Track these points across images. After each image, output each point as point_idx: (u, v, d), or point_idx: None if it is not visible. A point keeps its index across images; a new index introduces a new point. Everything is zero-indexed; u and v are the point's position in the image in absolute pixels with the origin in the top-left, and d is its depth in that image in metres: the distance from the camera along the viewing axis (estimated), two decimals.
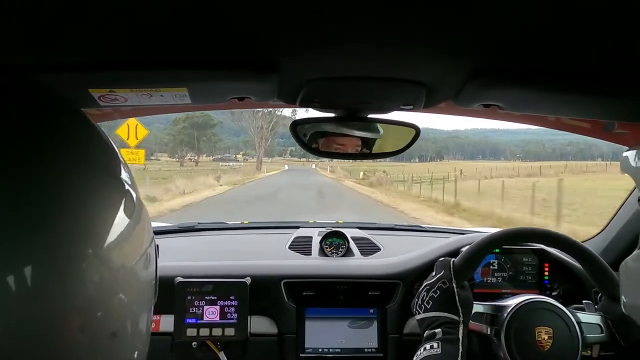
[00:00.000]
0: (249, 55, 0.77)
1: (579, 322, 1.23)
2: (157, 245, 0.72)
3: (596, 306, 1.35)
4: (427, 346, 1.17)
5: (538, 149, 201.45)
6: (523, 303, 1.22)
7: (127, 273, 0.59)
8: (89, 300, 0.51)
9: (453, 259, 1.28)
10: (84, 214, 0.52)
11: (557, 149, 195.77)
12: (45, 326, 0.47)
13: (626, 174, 0.87)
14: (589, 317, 1.29)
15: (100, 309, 0.53)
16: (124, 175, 0.63)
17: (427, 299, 1.25)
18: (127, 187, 0.62)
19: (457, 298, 1.21)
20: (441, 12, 0.61)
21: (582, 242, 1.44)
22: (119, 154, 0.64)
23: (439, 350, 1.14)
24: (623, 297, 0.90)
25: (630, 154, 0.82)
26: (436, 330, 1.19)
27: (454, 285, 1.23)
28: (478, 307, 1.28)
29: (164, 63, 0.75)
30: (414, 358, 1.18)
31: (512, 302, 1.25)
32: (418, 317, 1.27)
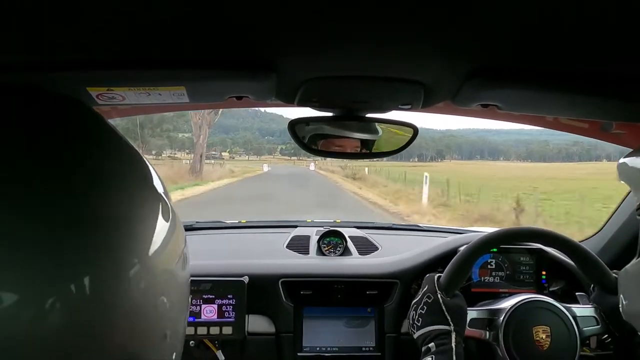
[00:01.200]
0: (247, 54, 0.77)
1: (575, 317, 1.23)
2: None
3: (590, 298, 1.35)
4: None
5: (542, 149, 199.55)
6: (520, 303, 1.23)
7: (169, 276, 0.61)
8: (137, 305, 0.52)
9: (439, 274, 1.29)
10: (127, 224, 0.53)
11: (563, 150, 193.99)
12: (99, 332, 0.48)
13: (623, 182, 0.87)
14: (584, 311, 1.30)
15: (147, 313, 0.55)
16: (156, 180, 0.65)
17: (417, 317, 1.26)
18: (160, 191, 0.63)
19: (443, 308, 1.21)
20: (440, 12, 0.61)
21: (579, 242, 1.45)
22: (144, 159, 0.66)
23: None
24: (623, 303, 0.90)
25: (628, 161, 0.82)
26: (429, 345, 1.19)
27: (439, 296, 1.23)
28: (473, 313, 1.28)
29: (162, 62, 0.75)
30: None
31: (509, 303, 1.26)
32: (415, 336, 1.27)
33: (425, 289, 1.29)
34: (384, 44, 0.74)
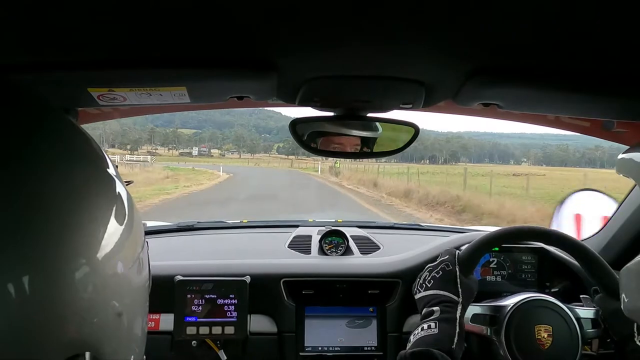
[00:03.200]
0: (248, 54, 0.77)
1: (578, 319, 1.23)
2: (148, 245, 0.72)
3: (592, 299, 1.35)
4: (425, 326, 1.18)
5: (562, 154, 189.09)
6: (523, 302, 1.23)
7: (121, 281, 0.59)
8: (84, 308, 0.51)
9: (458, 250, 1.31)
10: (75, 223, 0.51)
11: (586, 154, 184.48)
12: (41, 332, 0.46)
13: (623, 176, 0.87)
14: (587, 312, 1.29)
15: (95, 316, 0.53)
16: (114, 179, 0.62)
17: (429, 278, 1.28)
18: (117, 191, 0.61)
19: (458, 280, 1.23)
20: (440, 12, 0.61)
21: (582, 240, 1.44)
22: (106, 156, 0.64)
23: (436, 330, 1.15)
24: (624, 299, 0.90)
25: (629, 156, 0.82)
26: (434, 308, 1.20)
27: (457, 269, 1.25)
28: (476, 309, 1.28)
29: (164, 62, 0.75)
30: (411, 337, 1.19)
31: (511, 301, 1.26)
32: (418, 295, 1.29)
33: (445, 257, 1.31)
34: (385, 44, 0.74)
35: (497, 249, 1.67)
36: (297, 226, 2.18)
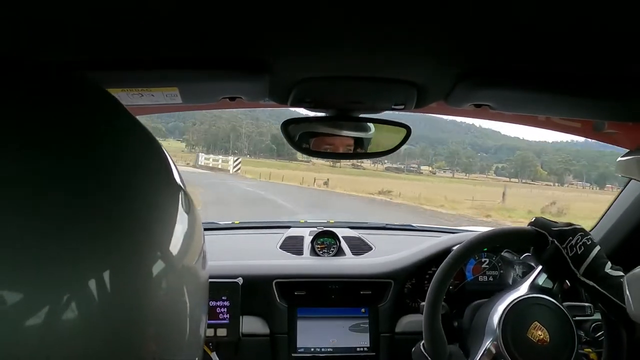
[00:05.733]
0: (240, 55, 0.77)
1: (569, 309, 1.23)
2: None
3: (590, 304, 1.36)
4: None
5: None
6: (514, 302, 1.22)
7: (191, 275, 0.58)
8: (160, 305, 0.50)
9: (422, 342, 1.24)
10: (148, 215, 0.50)
11: None
12: (122, 334, 0.45)
13: (622, 177, 0.88)
14: (581, 309, 1.31)
15: (170, 315, 0.52)
16: (174, 169, 0.61)
17: None
18: (179, 181, 0.60)
19: None
20: (432, 13, 0.61)
21: None
22: (162, 148, 0.62)
23: None
24: (631, 305, 0.91)
25: (629, 158, 0.83)
26: None
27: None
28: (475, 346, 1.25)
29: (155, 63, 0.75)
30: None
31: (502, 305, 1.24)
32: None
33: None
34: (377, 45, 0.74)
35: (486, 249, 1.67)
36: (288, 227, 2.17)
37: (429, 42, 0.73)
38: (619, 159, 0.91)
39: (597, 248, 1.14)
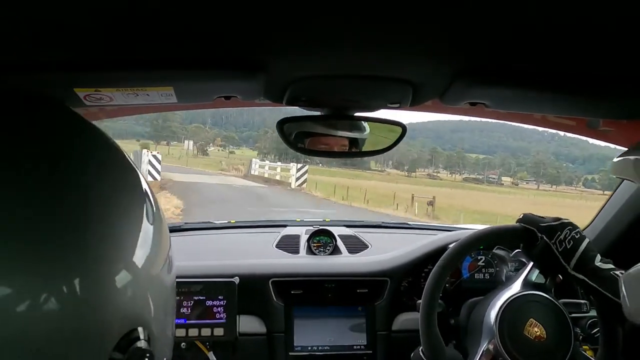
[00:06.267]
0: (235, 54, 0.77)
1: (565, 306, 1.23)
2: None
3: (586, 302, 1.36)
4: None
5: None
6: (509, 300, 1.22)
7: (155, 282, 0.59)
8: (123, 312, 0.51)
9: (421, 348, 1.23)
10: (110, 227, 0.52)
11: None
12: (88, 337, 0.47)
13: (617, 177, 0.88)
14: (576, 306, 1.31)
15: (133, 320, 0.53)
16: (139, 175, 0.62)
17: None
18: (145, 190, 0.61)
19: None
20: (428, 12, 0.62)
21: None
22: (127, 156, 0.64)
23: None
24: (627, 305, 0.91)
25: (624, 159, 0.84)
26: None
27: None
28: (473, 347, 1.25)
29: (151, 62, 0.75)
30: None
31: (498, 303, 1.25)
32: None
33: None
34: (374, 45, 0.74)
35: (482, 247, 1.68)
36: (285, 226, 2.17)
37: (425, 41, 0.73)
38: (614, 159, 0.91)
39: (586, 241, 1.15)
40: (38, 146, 0.51)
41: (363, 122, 1.12)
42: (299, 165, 26.82)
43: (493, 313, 1.22)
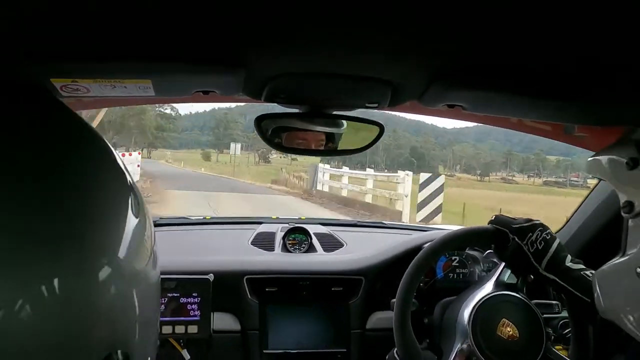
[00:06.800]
0: (215, 49, 0.76)
1: (543, 313, 1.26)
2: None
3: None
4: None
5: None
6: (482, 301, 1.24)
7: (140, 277, 0.57)
8: (107, 309, 0.50)
9: (395, 349, 1.24)
10: (96, 220, 0.50)
11: None
12: (70, 334, 0.46)
13: (594, 177, 0.90)
14: (549, 306, 1.34)
15: (117, 318, 0.52)
16: (124, 169, 0.61)
17: None
18: (129, 181, 0.60)
19: None
20: (407, 13, 0.62)
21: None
22: (112, 149, 0.62)
23: None
24: (600, 301, 0.93)
25: (598, 158, 0.86)
26: None
27: None
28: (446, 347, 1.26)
29: (129, 54, 0.74)
30: None
31: (471, 304, 1.26)
32: None
33: None
34: (353, 44, 0.74)
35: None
36: (260, 223, 2.16)
37: (405, 42, 0.73)
38: (589, 158, 0.93)
39: (557, 241, 1.17)
40: (17, 134, 0.50)
41: (341, 119, 1.13)
42: (406, 172, 13.16)
43: (466, 313, 1.24)
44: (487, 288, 1.28)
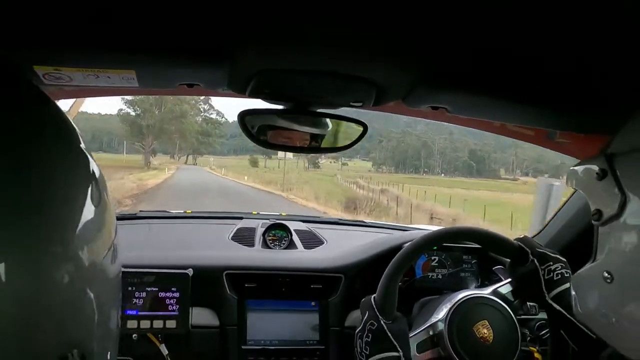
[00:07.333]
0: (201, 42, 0.76)
1: (516, 313, 1.27)
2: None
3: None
4: None
5: None
6: (459, 302, 1.25)
7: (97, 270, 0.55)
8: (59, 301, 0.48)
9: (374, 296, 1.25)
10: (50, 205, 0.48)
11: None
12: (16, 324, 0.44)
13: (571, 187, 0.91)
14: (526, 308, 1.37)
15: (70, 309, 0.50)
16: (87, 155, 0.59)
17: (364, 345, 1.21)
18: (91, 168, 0.57)
19: (389, 334, 1.19)
20: (393, 15, 0.62)
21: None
22: (76, 129, 0.60)
23: None
24: (576, 305, 0.95)
25: (577, 169, 0.87)
26: None
27: (382, 322, 1.20)
28: (418, 336, 1.25)
29: (113, 44, 0.73)
30: None
31: (448, 305, 1.27)
32: None
33: (366, 316, 1.24)
34: (340, 43, 0.75)
35: (435, 247, 1.71)
36: (240, 218, 2.16)
37: (391, 44, 0.74)
38: (570, 169, 0.95)
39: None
40: None
41: (326, 118, 1.13)
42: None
43: (449, 304, 1.25)
44: (478, 292, 1.30)
